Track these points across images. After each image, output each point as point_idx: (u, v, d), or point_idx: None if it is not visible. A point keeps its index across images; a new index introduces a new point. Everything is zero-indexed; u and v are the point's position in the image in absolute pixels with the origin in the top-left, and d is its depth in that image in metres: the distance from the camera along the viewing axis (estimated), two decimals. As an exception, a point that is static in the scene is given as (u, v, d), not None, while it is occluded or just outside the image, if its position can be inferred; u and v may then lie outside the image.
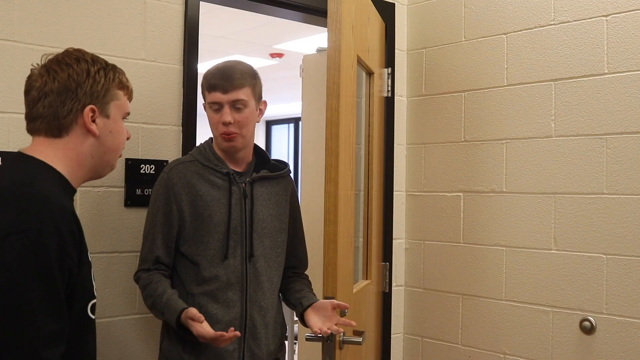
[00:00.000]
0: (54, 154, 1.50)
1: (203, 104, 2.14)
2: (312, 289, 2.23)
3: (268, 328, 2.11)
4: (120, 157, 1.64)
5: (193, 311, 1.87)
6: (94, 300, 1.50)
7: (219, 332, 1.84)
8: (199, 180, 2.06)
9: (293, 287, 2.21)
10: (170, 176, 2.07)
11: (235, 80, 2.03)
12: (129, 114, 1.63)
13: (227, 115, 2.03)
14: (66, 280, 1.37)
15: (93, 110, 1.52)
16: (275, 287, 2.15)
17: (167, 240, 2.05)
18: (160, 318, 2.03)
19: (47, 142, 1.50)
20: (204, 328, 1.85)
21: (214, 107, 2.05)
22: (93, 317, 1.50)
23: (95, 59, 1.56)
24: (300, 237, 2.29)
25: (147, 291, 2.02)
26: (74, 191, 1.55)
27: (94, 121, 1.52)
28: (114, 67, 1.59)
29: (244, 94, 2.04)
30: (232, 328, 1.88)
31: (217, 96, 2.03)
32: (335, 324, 2.00)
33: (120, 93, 1.59)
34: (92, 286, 1.50)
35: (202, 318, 1.86)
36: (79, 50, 1.56)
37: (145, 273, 2.04)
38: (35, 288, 1.30)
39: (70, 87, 1.49)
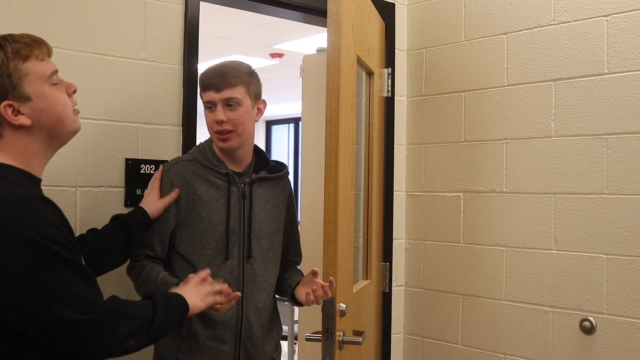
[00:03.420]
0: (3, 155, 1.41)
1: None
2: (302, 274, 2.23)
3: (264, 329, 2.11)
4: (77, 113, 1.50)
5: (192, 275, 1.82)
6: None
7: (221, 285, 1.80)
8: (197, 179, 2.06)
9: (283, 276, 2.21)
10: (169, 175, 2.07)
11: (228, 78, 2.02)
12: (56, 71, 1.44)
13: (220, 113, 2.02)
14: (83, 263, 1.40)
15: (10, 105, 1.37)
16: (272, 288, 2.15)
17: (162, 237, 2.05)
18: None
19: None
20: None
21: (209, 107, 2.05)
22: None
23: None
24: (295, 238, 2.31)
25: (141, 277, 2.00)
26: (39, 181, 1.48)
27: (18, 112, 1.38)
28: (1, 44, 1.38)
29: (237, 92, 2.03)
30: (231, 290, 1.83)
31: (211, 95, 2.03)
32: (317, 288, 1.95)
33: (28, 65, 1.39)
34: None
35: (208, 271, 1.80)
36: None
37: (138, 263, 2.04)
38: (60, 269, 1.34)
39: None
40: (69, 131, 1.50)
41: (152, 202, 2.03)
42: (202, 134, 2.32)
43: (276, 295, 2.22)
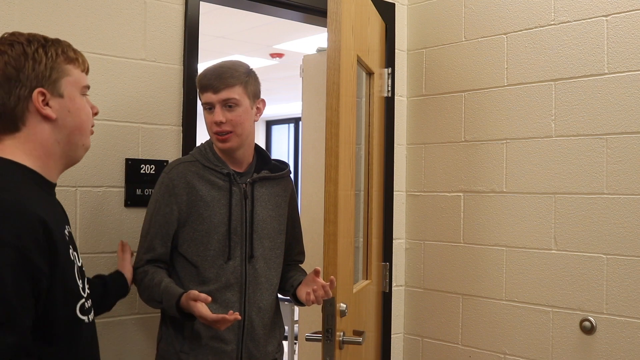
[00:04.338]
0: (21, 149, 1.42)
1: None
2: (305, 273, 2.23)
3: (266, 329, 2.11)
4: (92, 133, 1.54)
5: (195, 292, 1.85)
6: (82, 301, 1.42)
7: (220, 315, 1.83)
8: (199, 180, 2.06)
9: (285, 275, 2.21)
10: (171, 176, 2.06)
11: (225, 79, 2.02)
12: (88, 87, 1.52)
13: (219, 114, 2.02)
14: (30, 289, 1.28)
15: (42, 94, 1.42)
16: (274, 288, 2.15)
17: (165, 240, 2.05)
18: (158, 307, 2.03)
19: (8, 138, 1.43)
20: (206, 309, 1.84)
21: (207, 108, 2.05)
22: (83, 317, 1.42)
23: (31, 39, 1.43)
24: (298, 238, 2.31)
25: (144, 283, 2.01)
26: (52, 185, 1.47)
27: (47, 104, 1.42)
28: (55, 42, 1.47)
29: (235, 92, 2.02)
30: (231, 311, 1.86)
31: (209, 96, 2.03)
32: (318, 288, 1.95)
33: (70, 67, 1.47)
34: (78, 286, 1.42)
35: (209, 299, 1.84)
36: (12, 34, 1.44)
37: (141, 268, 2.05)
38: None
39: (10, 75, 1.39)
40: (84, 145, 1.53)
41: (126, 267, 2.06)
42: (202, 134, 2.32)
43: (279, 295, 2.22)
